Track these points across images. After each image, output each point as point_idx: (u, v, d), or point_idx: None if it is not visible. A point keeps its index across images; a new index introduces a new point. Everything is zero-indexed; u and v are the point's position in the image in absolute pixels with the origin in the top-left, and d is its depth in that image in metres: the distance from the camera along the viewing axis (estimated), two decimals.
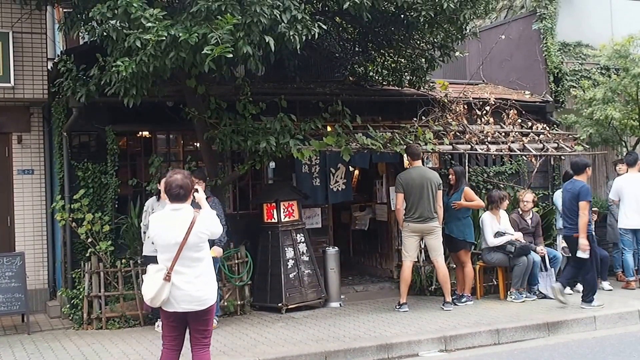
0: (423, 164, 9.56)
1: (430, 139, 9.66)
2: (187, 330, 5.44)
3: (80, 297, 8.59)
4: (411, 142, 9.33)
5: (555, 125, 11.63)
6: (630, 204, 10.10)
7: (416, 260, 9.33)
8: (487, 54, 12.46)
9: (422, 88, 10.87)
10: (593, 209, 10.56)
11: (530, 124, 10.89)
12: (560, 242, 9.85)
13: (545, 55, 12.20)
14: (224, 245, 8.27)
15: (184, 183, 5.25)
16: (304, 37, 7.33)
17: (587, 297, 8.79)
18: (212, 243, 7.18)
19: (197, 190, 5.43)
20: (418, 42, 10.41)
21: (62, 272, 9.23)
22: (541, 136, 10.74)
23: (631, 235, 10.13)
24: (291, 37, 7.20)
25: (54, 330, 8.56)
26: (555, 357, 6.96)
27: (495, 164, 11.50)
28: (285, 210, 9.25)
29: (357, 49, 10.90)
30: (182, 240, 5.14)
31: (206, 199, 8.08)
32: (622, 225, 10.19)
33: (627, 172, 10.38)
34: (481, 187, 11.06)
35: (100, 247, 8.68)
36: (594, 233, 9.03)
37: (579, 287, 9.94)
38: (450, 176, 9.64)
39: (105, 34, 7.36)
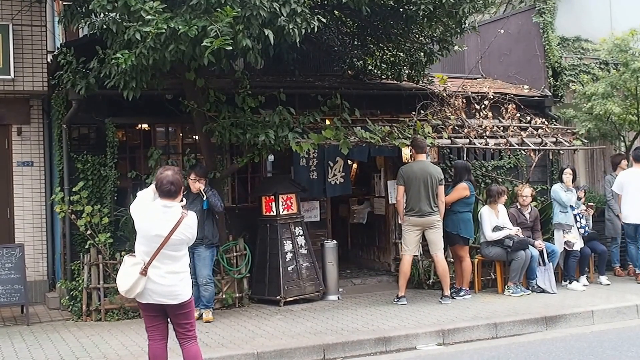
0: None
1: (428, 132, 9.65)
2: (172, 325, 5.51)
3: (80, 288, 8.62)
4: (410, 135, 9.32)
5: (553, 120, 11.64)
6: (633, 198, 10.12)
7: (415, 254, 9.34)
8: (486, 48, 12.47)
9: (420, 82, 10.86)
10: (589, 203, 10.59)
11: (528, 118, 10.88)
12: (562, 237, 9.82)
13: (546, 50, 12.18)
14: (219, 239, 8.30)
15: (174, 179, 5.30)
16: (303, 31, 7.32)
17: None
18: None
19: (182, 200, 5.46)
20: (417, 36, 10.39)
21: (62, 263, 9.25)
22: (540, 130, 10.73)
23: (632, 229, 10.15)
24: (290, 31, 7.20)
25: (53, 321, 8.59)
26: (553, 351, 6.98)
27: (494, 159, 11.51)
28: (284, 203, 9.27)
29: (356, 42, 10.89)
30: (166, 236, 5.19)
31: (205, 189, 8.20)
32: (625, 220, 10.22)
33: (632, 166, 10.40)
34: (480, 182, 11.07)
35: (99, 239, 8.69)
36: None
37: (583, 280, 9.95)
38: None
39: (105, 26, 7.38)
